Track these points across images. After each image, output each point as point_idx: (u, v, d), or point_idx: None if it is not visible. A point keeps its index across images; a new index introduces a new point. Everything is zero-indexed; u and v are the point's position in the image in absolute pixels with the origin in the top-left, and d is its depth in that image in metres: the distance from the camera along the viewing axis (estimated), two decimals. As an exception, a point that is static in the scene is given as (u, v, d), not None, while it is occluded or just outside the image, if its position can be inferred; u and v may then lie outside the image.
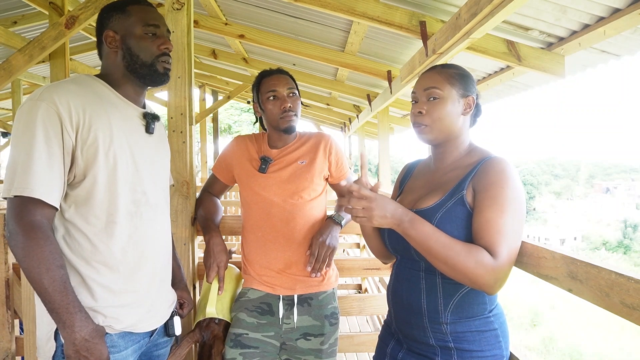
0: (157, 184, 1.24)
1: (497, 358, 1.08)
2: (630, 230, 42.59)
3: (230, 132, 22.07)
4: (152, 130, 1.23)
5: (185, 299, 1.41)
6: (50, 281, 0.98)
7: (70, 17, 2.73)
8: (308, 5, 2.56)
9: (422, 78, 1.22)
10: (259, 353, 1.52)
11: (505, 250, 1.00)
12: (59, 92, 1.06)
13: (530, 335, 18.54)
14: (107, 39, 1.18)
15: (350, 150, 9.67)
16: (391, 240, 1.21)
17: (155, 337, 1.25)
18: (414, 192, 1.25)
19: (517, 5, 1.52)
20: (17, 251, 1.00)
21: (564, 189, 58.04)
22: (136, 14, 1.18)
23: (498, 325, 1.10)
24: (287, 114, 1.56)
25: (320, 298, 1.59)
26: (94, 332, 1.03)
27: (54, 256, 1.01)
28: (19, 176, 1.00)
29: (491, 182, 1.04)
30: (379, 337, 1.31)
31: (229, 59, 5.18)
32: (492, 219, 1.01)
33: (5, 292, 1.73)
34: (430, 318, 1.10)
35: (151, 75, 1.19)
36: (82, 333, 1.00)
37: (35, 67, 5.51)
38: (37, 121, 1.02)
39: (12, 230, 1.01)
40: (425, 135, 1.19)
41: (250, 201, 1.61)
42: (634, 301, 0.76)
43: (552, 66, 2.36)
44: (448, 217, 1.07)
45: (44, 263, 0.99)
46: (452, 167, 1.19)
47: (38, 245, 0.99)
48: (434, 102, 1.17)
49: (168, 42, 1.21)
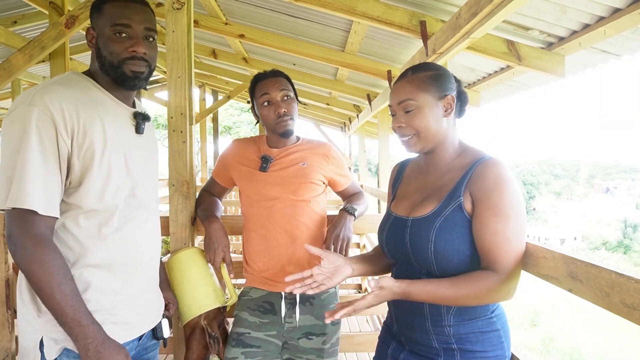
0: (148, 185, 1.22)
1: (499, 358, 1.08)
2: (630, 230, 42.56)
3: (230, 132, 22.06)
4: (142, 131, 1.20)
5: (170, 299, 1.40)
6: (62, 295, 0.98)
7: (70, 17, 2.73)
8: (308, 5, 2.56)
9: (394, 90, 1.17)
10: (261, 352, 1.52)
11: (512, 259, 1.02)
12: (51, 95, 1.02)
13: (530, 335, 18.54)
14: (87, 37, 1.14)
15: (350, 150, 9.66)
16: (389, 248, 1.20)
17: (144, 341, 1.24)
18: (408, 197, 1.22)
19: (517, 5, 1.52)
20: (25, 266, 0.98)
21: (564, 189, 58.01)
22: (108, 12, 1.10)
23: (500, 325, 1.10)
24: (282, 119, 1.55)
25: (322, 297, 1.59)
26: (107, 343, 1.02)
27: (63, 269, 1.00)
28: (16, 187, 0.96)
29: (490, 189, 1.03)
30: (380, 338, 1.30)
31: (229, 58, 5.18)
32: (500, 229, 1.01)
33: (5, 292, 1.73)
34: (433, 321, 1.09)
35: (119, 78, 1.13)
36: (95, 344, 1.00)
37: (35, 67, 5.51)
38: (31, 128, 0.98)
39: (17, 243, 0.98)
40: (413, 147, 1.16)
41: (251, 200, 1.61)
42: (634, 301, 0.76)
43: (552, 66, 2.36)
44: (446, 226, 1.06)
45: (55, 277, 0.97)
46: (445, 170, 1.16)
47: (47, 259, 0.97)
48: (411, 114, 1.13)
49: (139, 44, 1.11)
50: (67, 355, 1.04)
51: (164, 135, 22.61)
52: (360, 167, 6.85)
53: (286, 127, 1.57)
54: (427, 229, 1.07)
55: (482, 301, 1.03)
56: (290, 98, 1.59)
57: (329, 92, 5.83)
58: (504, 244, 1.01)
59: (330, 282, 1.13)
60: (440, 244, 1.05)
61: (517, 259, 1.03)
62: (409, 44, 3.09)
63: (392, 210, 1.25)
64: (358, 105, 5.99)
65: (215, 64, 6.20)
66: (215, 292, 1.57)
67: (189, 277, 1.55)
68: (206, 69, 6.48)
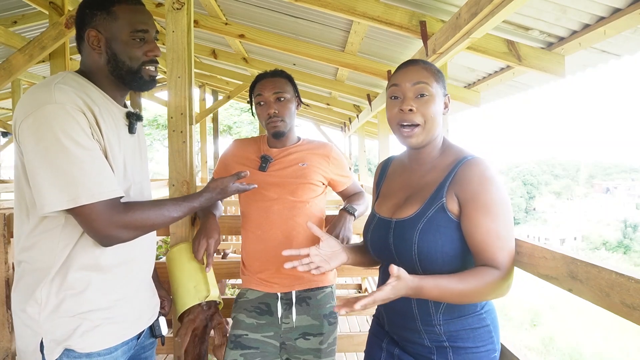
0: (142, 185, 1.23)
1: (490, 352, 1.10)
2: (630, 230, 42.55)
3: (231, 133, 22.05)
4: (134, 131, 1.20)
5: (164, 296, 1.41)
6: (174, 212, 1.16)
7: (70, 17, 2.73)
8: (308, 5, 2.56)
9: (407, 71, 1.12)
10: (260, 353, 1.52)
11: (507, 256, 1.03)
12: (70, 93, 1.01)
13: (531, 335, 18.53)
14: (89, 38, 1.10)
15: (350, 150, 9.66)
16: (374, 249, 1.20)
17: (142, 340, 1.24)
18: (391, 197, 1.22)
19: (517, 5, 1.52)
20: (138, 233, 1.09)
21: (564, 189, 57.99)
22: (123, 16, 1.09)
23: (490, 321, 1.12)
24: (272, 119, 1.55)
25: (319, 297, 1.59)
26: (211, 185, 1.32)
27: (150, 207, 1.11)
28: (81, 183, 0.97)
29: (477, 190, 1.03)
30: (370, 331, 1.30)
31: (229, 58, 5.18)
32: (492, 228, 1.02)
33: (5, 292, 1.73)
34: (423, 321, 1.10)
35: (136, 82, 1.14)
36: (207, 196, 1.29)
37: (35, 67, 5.51)
38: (71, 123, 0.97)
39: (112, 234, 1.03)
40: (415, 138, 1.11)
41: (250, 200, 1.61)
42: (634, 301, 0.76)
43: (552, 66, 2.36)
44: (429, 228, 1.06)
45: (159, 217, 1.12)
46: (428, 168, 1.16)
47: (141, 218, 1.08)
48: (425, 100, 1.09)
49: (156, 49, 1.15)
50: (67, 356, 1.04)
51: (164, 136, 22.63)
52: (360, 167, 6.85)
53: (276, 129, 1.57)
54: (410, 231, 1.07)
55: (485, 297, 1.03)
56: (285, 99, 1.58)
57: (329, 92, 5.83)
58: (497, 242, 1.02)
59: (327, 265, 1.15)
60: (424, 245, 1.05)
61: (511, 254, 1.04)
62: (409, 44, 3.09)
63: (376, 210, 1.24)
64: (358, 105, 5.99)
65: (215, 64, 6.19)
66: (196, 289, 1.49)
67: (174, 275, 1.53)
68: (206, 69, 6.48)
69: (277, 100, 1.57)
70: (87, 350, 1.05)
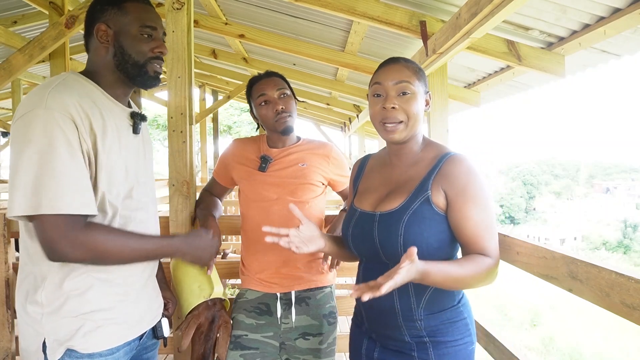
0: (146, 185, 1.22)
1: (468, 345, 1.12)
2: (630, 230, 42.56)
3: (230, 133, 22.06)
4: (139, 131, 1.20)
5: (169, 298, 1.40)
6: (134, 251, 1.08)
7: (70, 17, 2.73)
8: (308, 5, 2.56)
9: (389, 70, 1.14)
10: (259, 354, 1.52)
11: (495, 245, 1.09)
12: (65, 98, 1.00)
13: (531, 335, 18.52)
14: (98, 33, 1.12)
15: (350, 150, 9.66)
16: (356, 244, 1.20)
17: (145, 340, 1.24)
18: (372, 192, 1.22)
19: (517, 5, 1.52)
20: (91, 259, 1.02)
21: (564, 189, 57.98)
22: (134, 12, 1.12)
23: (467, 314, 1.14)
24: (281, 115, 1.55)
25: (318, 297, 1.59)
26: (190, 237, 1.25)
27: (115, 235, 1.06)
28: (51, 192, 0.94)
29: (465, 185, 1.07)
30: (350, 337, 1.30)
31: (229, 58, 5.18)
32: (481, 219, 1.07)
33: (5, 292, 1.73)
34: (404, 317, 1.11)
35: (141, 77, 1.15)
36: (182, 247, 1.21)
37: (35, 67, 5.51)
38: (55, 131, 0.96)
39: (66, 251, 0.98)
40: (398, 134, 1.13)
41: (249, 200, 1.61)
42: (634, 301, 0.76)
43: (552, 66, 2.36)
44: (415, 220, 1.07)
45: (117, 247, 1.05)
46: (410, 164, 1.18)
47: (100, 241, 1.01)
48: (407, 98, 1.11)
49: (163, 46, 1.17)
50: (69, 356, 1.04)
51: (164, 136, 22.63)
52: (360, 167, 6.84)
53: (285, 124, 1.56)
54: (395, 223, 1.08)
55: (479, 283, 1.06)
56: (287, 95, 1.59)
57: (329, 92, 5.83)
58: (487, 231, 1.07)
59: (305, 248, 1.18)
60: (409, 237, 1.07)
61: (497, 243, 1.10)
62: (409, 44, 3.09)
63: (355, 205, 1.24)
64: (358, 105, 5.99)
65: (215, 64, 6.20)
66: (200, 288, 1.50)
67: (177, 278, 1.53)
68: (206, 69, 6.49)
69: (281, 96, 1.57)
70: (89, 350, 1.05)
